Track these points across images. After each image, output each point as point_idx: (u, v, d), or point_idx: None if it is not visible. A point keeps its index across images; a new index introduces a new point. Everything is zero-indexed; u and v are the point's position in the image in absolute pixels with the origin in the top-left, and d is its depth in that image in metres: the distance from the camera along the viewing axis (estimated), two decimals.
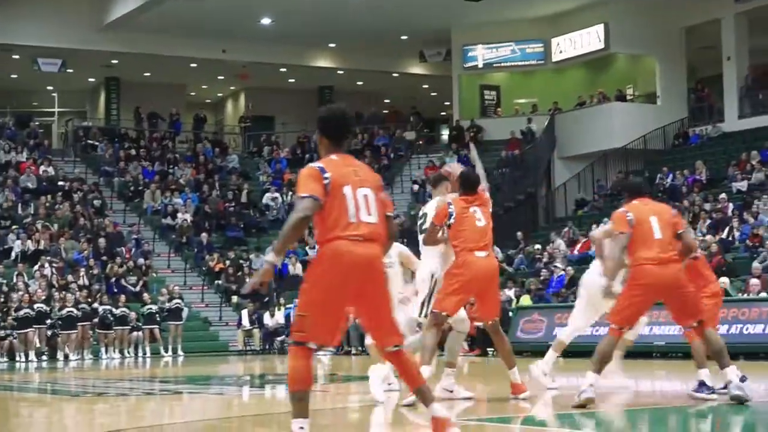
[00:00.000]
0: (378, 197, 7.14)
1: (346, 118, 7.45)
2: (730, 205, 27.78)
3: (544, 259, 28.54)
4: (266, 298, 30.07)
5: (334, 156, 7.15)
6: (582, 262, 27.50)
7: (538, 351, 22.76)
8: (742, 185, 29.48)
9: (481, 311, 10.71)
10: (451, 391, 10.85)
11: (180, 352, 28.59)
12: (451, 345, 11.35)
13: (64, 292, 28.50)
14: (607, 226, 11.95)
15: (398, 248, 11.07)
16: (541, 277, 27.13)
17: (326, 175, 6.92)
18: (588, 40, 37.17)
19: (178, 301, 29.60)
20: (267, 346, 29.64)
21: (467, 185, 10.69)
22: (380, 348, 7.27)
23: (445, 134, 41.58)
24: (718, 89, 36.19)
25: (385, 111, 45.95)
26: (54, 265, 30.72)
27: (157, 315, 28.98)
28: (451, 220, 10.27)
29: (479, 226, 10.35)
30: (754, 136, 32.51)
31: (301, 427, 6.79)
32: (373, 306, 7.11)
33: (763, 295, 20.52)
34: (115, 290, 30.11)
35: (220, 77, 44.68)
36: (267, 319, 29.56)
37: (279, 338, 28.86)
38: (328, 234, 6.92)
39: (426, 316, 10.68)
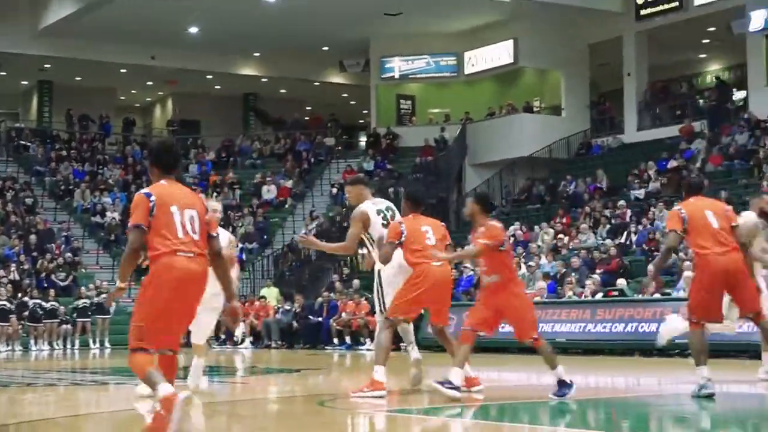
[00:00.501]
0: (202, 219, 7.35)
1: (175, 151, 8.02)
2: (628, 212, 28.05)
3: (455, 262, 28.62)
4: None
5: (163, 182, 7.45)
6: None
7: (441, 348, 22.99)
8: (640, 193, 29.83)
9: (436, 317, 10.80)
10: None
11: (107, 345, 28.33)
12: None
13: None
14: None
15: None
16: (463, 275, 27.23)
17: (152, 198, 7.21)
18: (498, 54, 37.41)
19: (106, 295, 29.33)
20: (186, 340, 29.43)
21: (414, 203, 10.84)
22: None
23: (362, 140, 41.62)
24: (618, 103, 36.62)
25: (306, 117, 45.84)
26: None
27: (87, 309, 28.72)
28: (403, 239, 10.31)
29: (429, 244, 10.40)
30: (652, 147, 32.90)
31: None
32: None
33: (657, 295, 20.77)
34: (45, 285, 29.80)
35: (149, 83, 44.39)
36: None
37: None
38: (158, 250, 7.16)
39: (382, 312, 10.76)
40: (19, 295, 28.59)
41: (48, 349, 27.53)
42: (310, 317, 28.11)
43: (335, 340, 26.88)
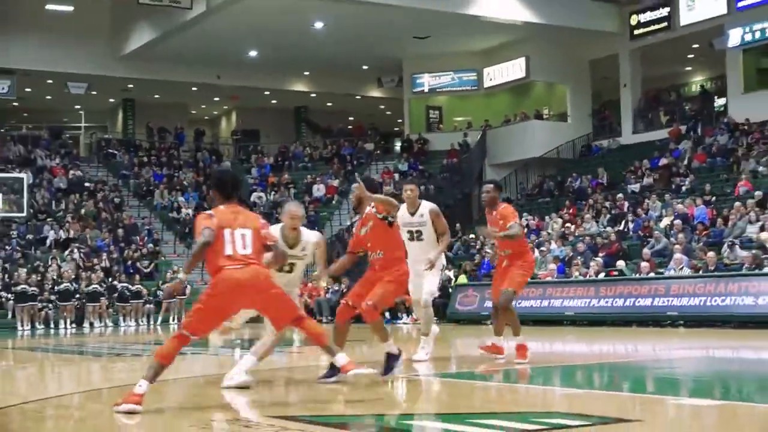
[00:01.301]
0: (256, 234, 7.41)
1: (232, 181, 7.89)
2: (626, 203, 27.96)
3: (477, 246, 28.64)
4: None
5: (221, 207, 7.52)
6: None
7: (472, 320, 23.03)
8: (635, 187, 29.69)
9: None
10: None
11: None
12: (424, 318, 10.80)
13: (89, 272, 28.63)
14: None
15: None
16: (475, 261, 27.23)
17: (213, 219, 7.33)
18: (512, 70, 37.30)
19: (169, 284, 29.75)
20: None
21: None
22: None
23: (398, 145, 41.65)
24: (616, 110, 36.50)
25: (349, 126, 45.95)
26: (81, 250, 30.79)
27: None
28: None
29: None
30: (645, 148, 32.74)
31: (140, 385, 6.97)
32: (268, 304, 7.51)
33: (651, 275, 20.72)
34: (131, 271, 30.16)
35: (215, 98, 44.56)
36: None
37: None
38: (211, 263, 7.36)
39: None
40: (110, 279, 29.00)
41: (134, 325, 27.77)
42: None
43: None
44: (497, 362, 10.41)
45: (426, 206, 10.56)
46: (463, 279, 25.87)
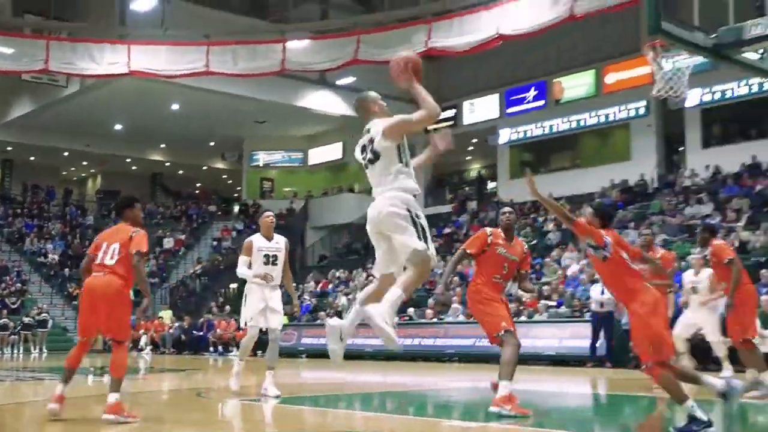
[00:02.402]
0: (123, 247, 7.17)
1: (119, 203, 7.97)
2: None
3: (298, 293, 28.44)
4: None
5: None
6: (322, 296, 27.65)
7: (289, 355, 22.73)
8: None
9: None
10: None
11: (45, 351, 27.07)
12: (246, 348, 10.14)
13: None
14: None
15: None
16: (294, 306, 26.97)
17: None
18: (332, 152, 37.67)
19: (45, 314, 28.22)
20: (106, 347, 28.42)
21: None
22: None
23: (236, 208, 41.16)
24: None
25: (196, 191, 45.13)
26: None
27: (31, 324, 27.51)
28: None
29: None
30: (434, 219, 33.17)
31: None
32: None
33: (434, 320, 20.91)
34: (0, 306, 28.46)
35: (84, 163, 42.97)
36: None
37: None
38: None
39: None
40: None
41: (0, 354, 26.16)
42: (194, 332, 27.52)
43: (211, 349, 26.37)
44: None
45: (280, 237, 10.01)
46: (285, 320, 25.54)
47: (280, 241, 9.87)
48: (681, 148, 28.20)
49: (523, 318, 19.06)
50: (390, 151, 5.75)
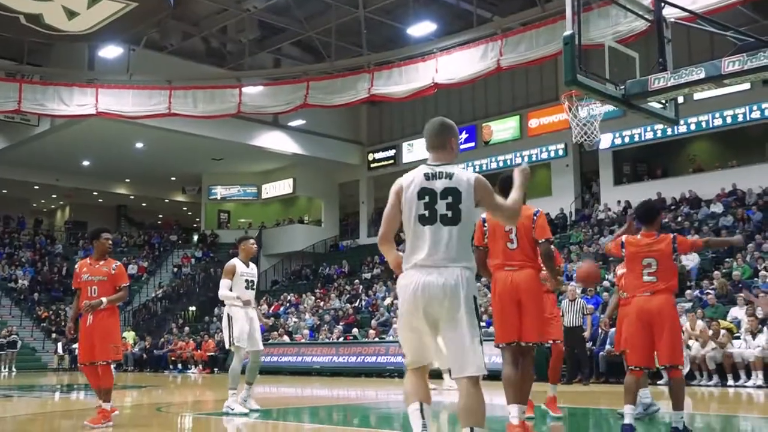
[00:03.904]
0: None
1: (91, 234, 8.15)
2: (361, 287, 28.29)
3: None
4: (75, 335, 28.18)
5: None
6: (275, 317, 27.40)
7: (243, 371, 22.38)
8: (368, 275, 30.07)
9: None
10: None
11: (14, 369, 26.27)
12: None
13: None
14: None
15: None
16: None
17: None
18: (283, 186, 37.50)
19: (15, 336, 27.40)
20: (73, 366, 27.76)
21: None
22: None
23: (195, 238, 40.66)
24: (356, 219, 37.21)
25: (158, 222, 44.55)
26: None
27: (1, 345, 26.66)
28: None
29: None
30: (376, 247, 33.30)
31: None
32: None
33: (376, 339, 20.90)
34: None
35: (53, 195, 42.12)
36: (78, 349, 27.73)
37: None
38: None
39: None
40: None
41: None
42: (155, 351, 27.02)
43: (171, 366, 25.89)
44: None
45: (253, 264, 9.63)
46: None
47: (254, 268, 9.63)
48: (594, 187, 28.77)
49: None
50: (473, 219, 4.09)
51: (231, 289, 9.12)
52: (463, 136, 32.04)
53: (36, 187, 38.67)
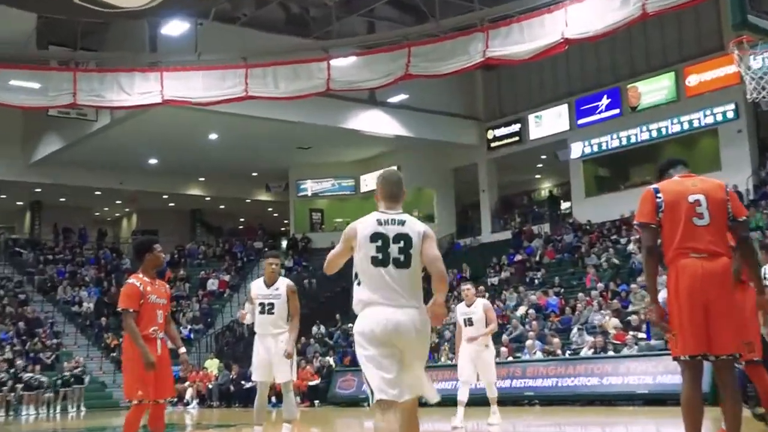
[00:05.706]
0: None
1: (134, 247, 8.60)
2: (486, 294, 28.21)
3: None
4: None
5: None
6: None
7: (352, 403, 22.69)
8: (495, 280, 30.08)
9: None
10: None
11: (82, 408, 27.40)
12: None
13: None
14: None
15: None
16: (353, 348, 27.02)
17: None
18: None
19: (82, 369, 28.56)
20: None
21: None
22: None
23: (284, 244, 41.46)
24: (476, 212, 37.10)
25: (240, 226, 45.67)
26: None
27: (67, 380, 27.80)
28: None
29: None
30: (502, 245, 33.30)
31: None
32: None
33: (510, 358, 20.85)
34: (34, 362, 28.92)
35: (117, 201, 43.80)
36: None
37: None
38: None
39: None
40: (11, 370, 27.69)
41: (35, 414, 26.46)
42: (243, 382, 27.62)
43: None
44: None
45: (283, 281, 9.99)
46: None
47: (280, 287, 9.85)
48: None
49: (610, 353, 18.85)
50: (421, 265, 5.40)
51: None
52: (604, 101, 31.51)
53: (98, 192, 40.29)
